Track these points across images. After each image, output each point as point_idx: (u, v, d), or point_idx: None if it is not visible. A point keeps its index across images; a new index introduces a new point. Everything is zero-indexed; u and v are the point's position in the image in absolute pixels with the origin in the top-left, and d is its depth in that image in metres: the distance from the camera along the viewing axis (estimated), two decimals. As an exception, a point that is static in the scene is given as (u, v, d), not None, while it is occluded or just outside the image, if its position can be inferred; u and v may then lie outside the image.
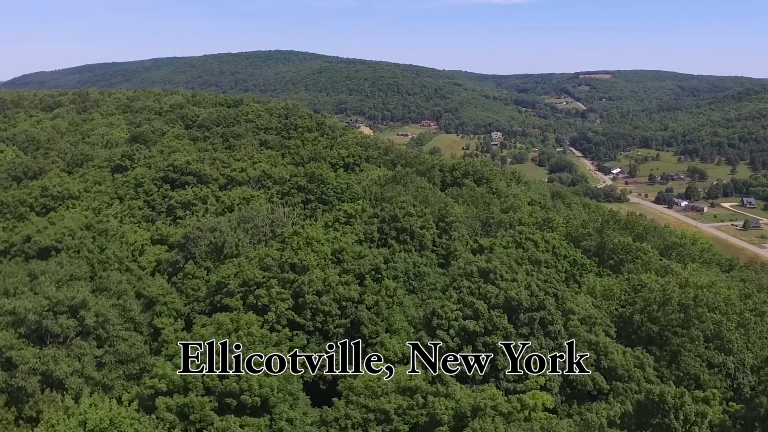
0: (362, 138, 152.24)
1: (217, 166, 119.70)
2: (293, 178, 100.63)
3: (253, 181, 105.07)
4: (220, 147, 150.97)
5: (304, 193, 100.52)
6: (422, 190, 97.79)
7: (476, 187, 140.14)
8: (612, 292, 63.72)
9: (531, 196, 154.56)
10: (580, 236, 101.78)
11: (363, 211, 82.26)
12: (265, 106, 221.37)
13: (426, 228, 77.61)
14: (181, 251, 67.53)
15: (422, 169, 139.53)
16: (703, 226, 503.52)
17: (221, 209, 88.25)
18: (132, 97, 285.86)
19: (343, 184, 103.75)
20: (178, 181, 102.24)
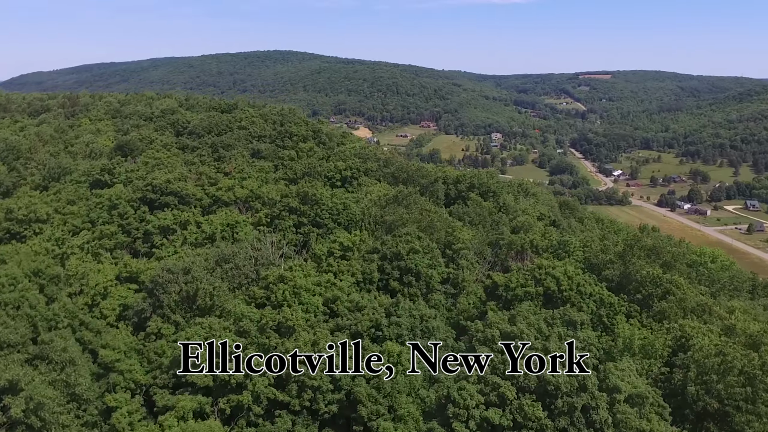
0: (361, 149, 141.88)
1: (203, 182, 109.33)
2: (284, 199, 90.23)
3: (240, 201, 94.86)
4: (210, 158, 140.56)
5: (296, 215, 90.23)
6: (427, 213, 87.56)
7: (482, 201, 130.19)
8: (653, 348, 53.90)
9: (540, 210, 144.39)
10: (601, 264, 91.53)
11: (361, 243, 72.11)
12: (259, 111, 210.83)
13: (434, 267, 67.48)
14: (150, 296, 57.39)
15: (425, 183, 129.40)
16: (707, 229, 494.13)
17: (201, 239, 77.96)
18: (123, 100, 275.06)
19: (340, 205, 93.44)
20: (158, 202, 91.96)
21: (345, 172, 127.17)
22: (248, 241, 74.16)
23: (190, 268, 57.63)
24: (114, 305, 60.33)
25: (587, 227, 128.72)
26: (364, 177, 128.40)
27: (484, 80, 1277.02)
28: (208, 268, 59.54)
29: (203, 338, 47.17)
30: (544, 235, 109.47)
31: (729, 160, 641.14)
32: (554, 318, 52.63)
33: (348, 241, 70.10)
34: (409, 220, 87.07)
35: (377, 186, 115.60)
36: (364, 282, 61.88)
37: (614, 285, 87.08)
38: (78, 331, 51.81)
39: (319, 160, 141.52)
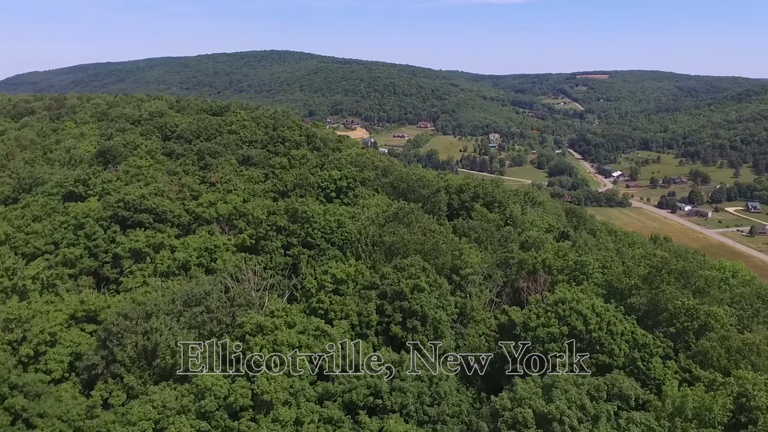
0: (357, 155, 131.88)
1: (185, 195, 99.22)
2: (271, 217, 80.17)
3: (222, 219, 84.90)
4: (195, 167, 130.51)
5: (285, 235, 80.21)
6: (431, 234, 77.65)
7: (488, 213, 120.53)
8: (711, 413, 44.26)
9: (549, 221, 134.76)
10: (625, 289, 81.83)
11: (357, 275, 62.16)
12: (251, 114, 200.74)
13: (443, 307, 57.55)
14: (102, 348, 47.41)
15: (426, 194, 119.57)
16: (708, 232, 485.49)
17: (174, 267, 67.94)
18: (112, 102, 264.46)
19: (333, 222, 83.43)
20: (131, 221, 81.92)
21: (340, 182, 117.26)
22: (227, 271, 64.25)
23: (152, 312, 47.66)
24: (63, 355, 50.27)
25: (601, 241, 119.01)
26: (361, 187, 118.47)
27: (482, 80, 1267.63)
28: (174, 312, 49.57)
29: (153, 422, 37.27)
30: (557, 253, 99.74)
31: (729, 160, 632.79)
32: (599, 389, 42.72)
33: (341, 273, 60.23)
34: (410, 242, 77.15)
35: (375, 198, 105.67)
36: (360, 325, 51.93)
37: (641, 314, 77.43)
38: (8, 397, 41.80)
39: (313, 168, 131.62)
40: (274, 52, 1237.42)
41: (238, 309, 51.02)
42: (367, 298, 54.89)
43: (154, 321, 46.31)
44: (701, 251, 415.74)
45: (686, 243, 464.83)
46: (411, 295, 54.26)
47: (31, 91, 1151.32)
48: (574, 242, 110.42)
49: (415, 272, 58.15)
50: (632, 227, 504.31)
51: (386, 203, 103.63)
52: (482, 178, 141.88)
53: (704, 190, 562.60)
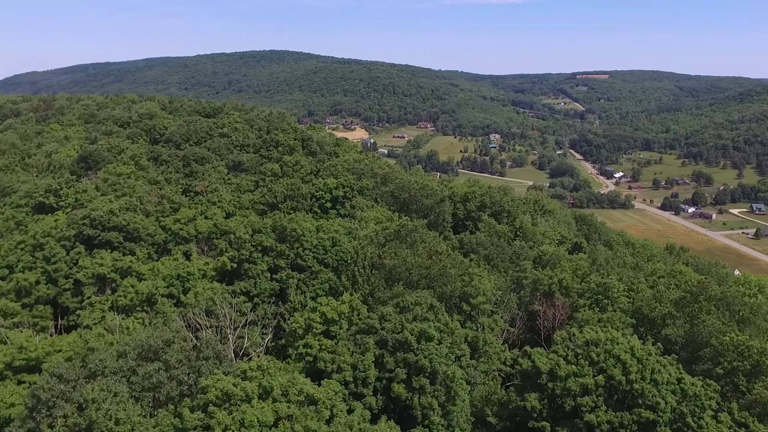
0: (355, 162, 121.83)
1: (163, 208, 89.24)
2: (256, 236, 70.14)
3: (202, 238, 74.98)
4: (180, 174, 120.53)
5: (272, 257, 70.21)
6: (437, 257, 67.65)
7: (496, 224, 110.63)
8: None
9: (561, 232, 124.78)
10: (658, 318, 71.90)
11: (352, 313, 52.08)
12: (245, 116, 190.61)
13: (459, 356, 47.42)
14: (30, 419, 37.52)
15: (429, 204, 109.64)
16: (713, 234, 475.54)
17: (138, 301, 57.80)
18: (102, 103, 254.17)
19: (327, 241, 73.47)
20: (98, 240, 71.98)
21: (336, 192, 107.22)
22: (200, 305, 54.32)
23: (96, 370, 37.77)
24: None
25: (618, 255, 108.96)
26: (359, 197, 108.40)
27: (481, 80, 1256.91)
28: (124, 370, 39.55)
29: None
30: (575, 272, 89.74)
31: (732, 161, 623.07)
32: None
33: (333, 313, 50.25)
34: (414, 266, 67.11)
35: (374, 210, 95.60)
36: (355, 382, 41.90)
37: (677, 348, 67.52)
38: None
39: (307, 175, 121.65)
40: (273, 52, 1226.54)
41: (205, 363, 41.09)
42: (364, 346, 44.87)
43: (95, 388, 36.30)
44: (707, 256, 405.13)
45: (691, 246, 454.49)
46: (417, 345, 44.29)
47: (29, 91, 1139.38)
48: (591, 258, 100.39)
49: (422, 313, 48.11)
50: (636, 230, 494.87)
51: (386, 216, 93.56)
52: (489, 186, 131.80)
53: (707, 192, 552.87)
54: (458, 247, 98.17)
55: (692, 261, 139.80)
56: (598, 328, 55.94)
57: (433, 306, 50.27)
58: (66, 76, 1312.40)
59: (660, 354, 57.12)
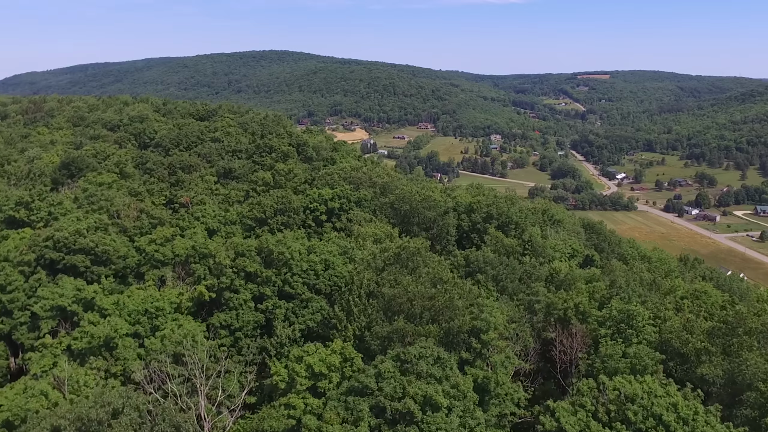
0: (352, 170, 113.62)
1: (141, 224, 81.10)
2: (239, 260, 61.94)
3: (179, 262, 66.86)
4: (165, 183, 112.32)
5: (257, 284, 62.07)
6: (443, 286, 59.47)
7: (503, 237, 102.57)
8: None
9: (572, 244, 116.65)
10: (690, 353, 63.64)
11: (345, 362, 43.75)
12: (239, 119, 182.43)
13: (473, 428, 39.20)
14: None
15: (433, 216, 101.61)
16: (717, 237, 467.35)
17: (95, 345, 49.49)
18: (93, 105, 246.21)
19: (319, 265, 65.37)
20: (62, 264, 63.93)
21: (332, 203, 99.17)
22: (167, 351, 46.26)
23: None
24: None
25: (635, 270, 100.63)
26: (356, 209, 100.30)
27: (482, 80, 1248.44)
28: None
29: None
30: (593, 295, 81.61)
31: (735, 162, 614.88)
32: None
33: (321, 366, 42.04)
34: (416, 296, 58.94)
35: (372, 226, 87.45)
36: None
37: (715, 389, 59.42)
38: None
39: (301, 184, 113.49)
40: (273, 52, 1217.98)
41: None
42: (357, 413, 36.81)
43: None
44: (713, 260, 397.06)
45: (696, 249, 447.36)
46: (422, 415, 36.23)
47: (28, 91, 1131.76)
48: (609, 278, 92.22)
49: (427, 369, 39.95)
50: (639, 232, 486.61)
51: (385, 232, 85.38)
52: (495, 195, 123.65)
53: (711, 193, 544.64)
54: (464, 265, 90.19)
55: (709, 274, 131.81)
56: (632, 379, 47.71)
57: (440, 358, 42.11)
58: (65, 77, 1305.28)
59: (700, 401, 49.15)
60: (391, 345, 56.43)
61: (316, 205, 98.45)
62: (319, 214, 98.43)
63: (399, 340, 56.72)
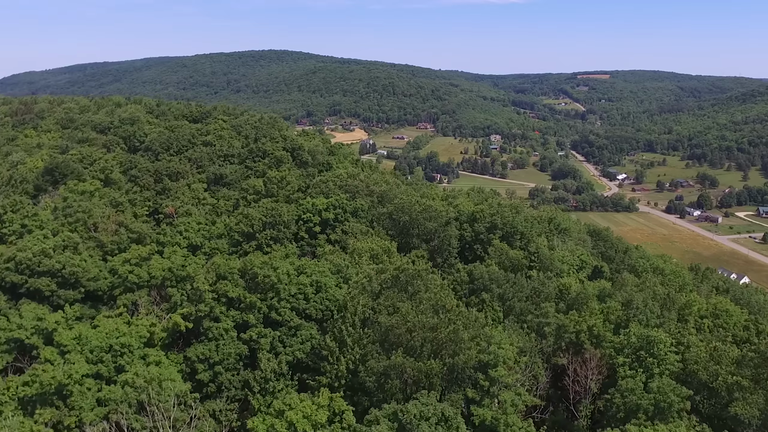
0: (349, 177, 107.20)
1: (120, 238, 74.79)
2: (220, 283, 55.67)
3: (155, 285, 60.58)
4: (150, 192, 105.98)
5: (240, 310, 55.81)
6: (446, 315, 53.17)
7: (508, 249, 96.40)
8: None
9: (581, 256, 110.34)
10: (720, 387, 57.32)
11: (334, 418, 37.55)
12: (233, 121, 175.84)
13: None
14: None
15: (434, 228, 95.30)
16: (720, 238, 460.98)
17: (47, 392, 42.97)
18: (85, 107, 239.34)
19: (309, 288, 59.11)
20: (25, 288, 57.67)
21: (326, 214, 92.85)
22: (129, 399, 39.95)
23: None
24: None
25: (648, 284, 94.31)
26: (352, 220, 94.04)
27: (481, 80, 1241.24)
28: None
29: None
30: (607, 317, 75.34)
31: (737, 163, 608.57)
32: None
33: (305, 424, 35.64)
34: (417, 326, 52.62)
35: (368, 240, 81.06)
36: None
37: (751, 431, 53.17)
38: None
39: (294, 192, 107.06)
40: (272, 52, 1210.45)
41: None
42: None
43: None
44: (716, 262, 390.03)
45: (699, 251, 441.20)
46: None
47: (27, 91, 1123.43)
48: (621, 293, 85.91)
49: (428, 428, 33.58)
50: (641, 233, 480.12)
51: (383, 247, 79.01)
52: (499, 203, 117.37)
53: (713, 194, 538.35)
54: (467, 281, 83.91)
55: (723, 285, 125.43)
56: (663, 430, 41.31)
57: (446, 418, 35.75)
58: (64, 76, 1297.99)
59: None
60: (388, 382, 50.21)
61: (309, 215, 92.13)
62: (312, 225, 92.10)
63: (397, 376, 50.48)
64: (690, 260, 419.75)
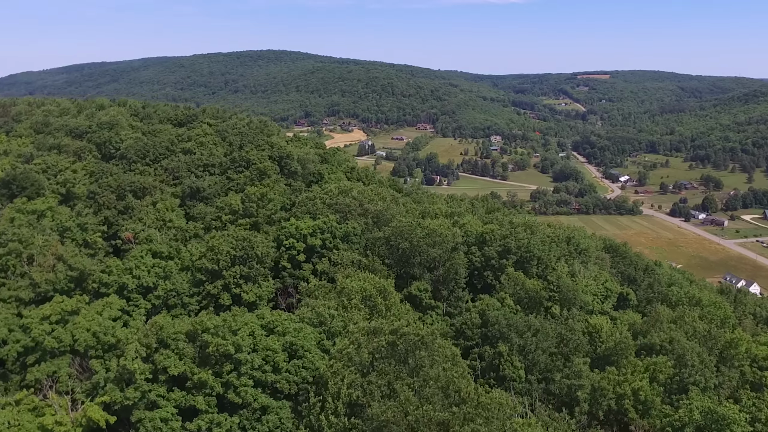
0: (341, 193, 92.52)
1: (56, 277, 60.37)
2: (161, 354, 41.43)
3: (79, 350, 46.22)
4: (111, 211, 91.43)
5: (186, 391, 41.49)
6: (462, 407, 38.92)
7: (525, 279, 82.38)
8: None
9: (606, 284, 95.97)
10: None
11: None
12: (221, 125, 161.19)
13: None
14: None
15: (438, 255, 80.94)
16: (726, 243, 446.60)
17: None
18: (65, 109, 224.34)
19: (281, 357, 44.87)
20: None
21: (312, 240, 78.44)
22: None
23: None
24: None
25: (687, 320, 79.95)
26: (342, 246, 79.78)
27: (481, 80, 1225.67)
28: None
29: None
30: (654, 376, 60.83)
31: (741, 165, 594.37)
32: None
33: None
34: (420, 421, 38.14)
35: (360, 278, 66.49)
36: None
37: None
38: None
39: (276, 212, 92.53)
40: (271, 52, 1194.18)
41: None
42: None
43: None
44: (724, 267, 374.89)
45: (705, 255, 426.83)
46: None
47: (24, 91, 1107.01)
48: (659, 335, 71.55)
49: None
50: (645, 237, 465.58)
51: (377, 287, 64.51)
52: (511, 221, 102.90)
53: (718, 197, 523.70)
54: (479, 325, 69.60)
55: (762, 312, 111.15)
56: None
57: None
58: (61, 76, 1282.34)
59: None
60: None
61: (292, 241, 77.72)
62: (296, 252, 77.69)
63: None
64: (696, 265, 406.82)
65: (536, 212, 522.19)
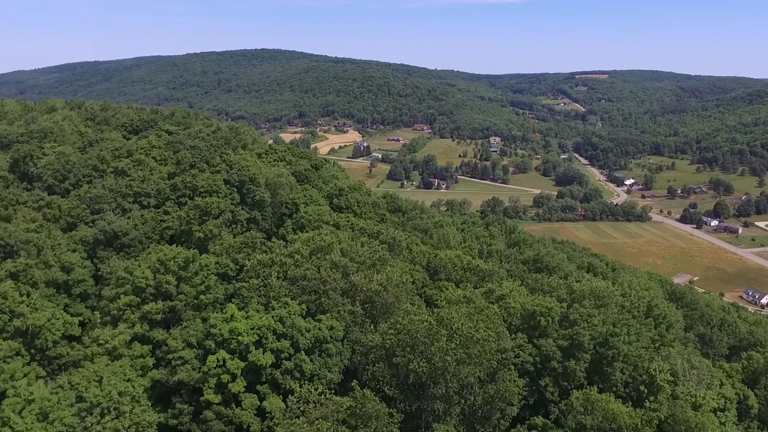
0: (311, 254, 57.54)
1: None
2: None
3: None
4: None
5: None
6: None
7: (614, 406, 47.26)
8: None
9: (724, 392, 61.54)
10: None
11: None
12: (175, 136, 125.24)
13: None
14: None
15: (471, 375, 46.15)
16: (743, 252, 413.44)
17: None
18: (10, 112, 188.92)
19: None
20: None
21: (256, 357, 44.20)
22: None
23: None
24: None
25: None
26: (308, 365, 44.50)
27: (478, 80, 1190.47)
28: None
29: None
30: None
31: (751, 167, 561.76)
32: None
33: None
34: None
35: None
36: None
37: None
38: None
39: (204, 293, 57.44)
40: (265, 51, 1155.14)
41: None
42: None
43: None
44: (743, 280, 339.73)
45: (722, 266, 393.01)
46: None
47: (15, 90, 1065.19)
48: None
49: None
50: (657, 246, 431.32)
51: None
52: (568, 285, 68.41)
53: (729, 202, 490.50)
54: None
55: None
56: None
57: None
58: (53, 75, 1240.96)
59: None
60: None
61: (220, 371, 43.01)
62: (229, 378, 42.98)
63: None
64: (714, 277, 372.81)
65: (540, 219, 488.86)
